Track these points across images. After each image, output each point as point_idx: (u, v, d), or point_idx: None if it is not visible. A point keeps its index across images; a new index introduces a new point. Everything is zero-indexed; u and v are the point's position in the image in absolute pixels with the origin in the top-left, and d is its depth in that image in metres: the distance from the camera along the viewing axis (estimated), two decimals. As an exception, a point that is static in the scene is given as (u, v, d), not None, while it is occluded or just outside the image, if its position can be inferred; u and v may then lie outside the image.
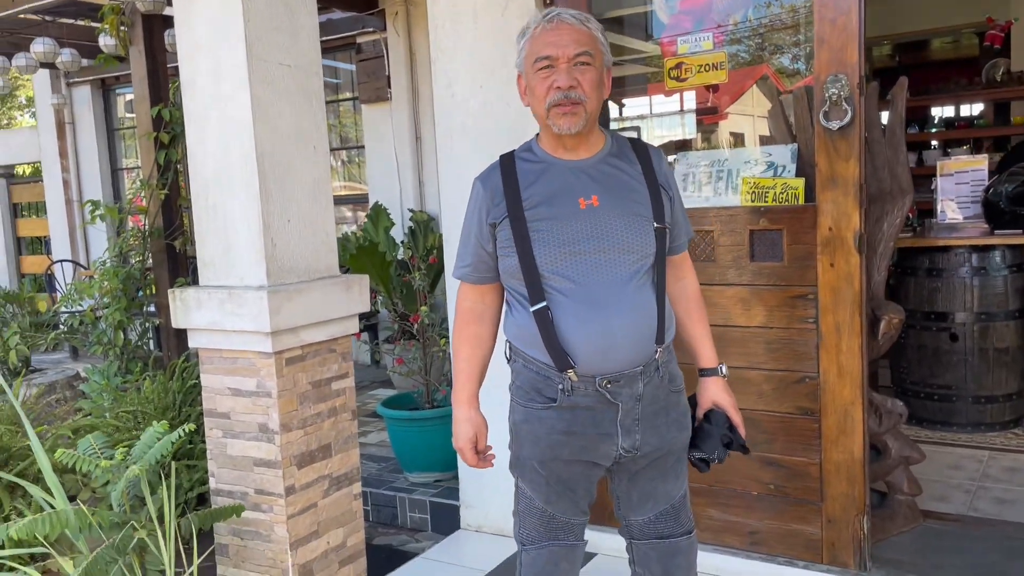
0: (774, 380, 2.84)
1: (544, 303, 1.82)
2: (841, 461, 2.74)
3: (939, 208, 4.22)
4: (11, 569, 2.24)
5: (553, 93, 1.79)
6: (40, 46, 5.29)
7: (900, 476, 3.07)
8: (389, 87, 6.25)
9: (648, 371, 1.87)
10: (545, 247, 1.81)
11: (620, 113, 4.71)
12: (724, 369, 2.06)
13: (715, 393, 2.04)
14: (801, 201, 2.78)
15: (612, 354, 1.82)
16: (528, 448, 1.93)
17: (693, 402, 2.06)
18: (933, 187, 4.37)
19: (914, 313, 4.01)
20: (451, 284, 3.38)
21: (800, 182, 2.79)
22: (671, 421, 1.94)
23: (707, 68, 2.94)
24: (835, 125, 2.62)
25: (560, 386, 1.85)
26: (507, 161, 1.92)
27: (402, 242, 5.99)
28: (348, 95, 7.03)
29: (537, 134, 1.95)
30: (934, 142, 7.10)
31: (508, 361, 1.97)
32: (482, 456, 2.00)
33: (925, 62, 7.87)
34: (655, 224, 1.85)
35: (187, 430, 2.23)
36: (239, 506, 2.30)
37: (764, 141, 3.23)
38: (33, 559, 2.47)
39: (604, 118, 4.38)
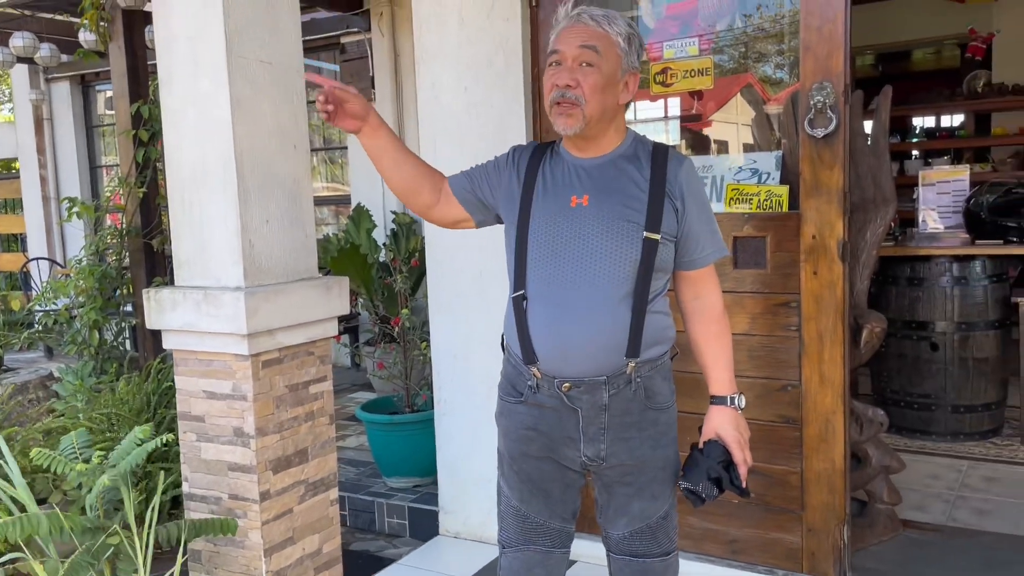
0: (756, 388, 2.83)
1: (522, 291, 1.83)
2: (822, 470, 2.73)
3: (921, 217, 4.24)
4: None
5: (554, 91, 1.78)
6: (19, 40, 5.21)
7: (880, 485, 3.07)
8: (373, 88, 6.20)
9: (616, 382, 1.80)
10: (534, 237, 1.82)
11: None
12: (738, 400, 1.89)
13: (719, 424, 1.87)
14: (785, 208, 2.77)
15: (570, 359, 1.79)
16: (502, 441, 1.96)
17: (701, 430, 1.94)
18: (915, 196, 4.39)
19: (895, 322, 4.02)
20: (433, 287, 3.35)
21: (784, 189, 2.79)
22: (645, 438, 1.86)
23: (693, 74, 2.93)
24: (820, 133, 2.62)
25: (529, 382, 1.85)
26: (540, 146, 1.96)
27: (384, 244, 5.94)
28: (332, 95, 6.97)
29: None
30: (915, 152, 7.16)
31: (503, 351, 1.98)
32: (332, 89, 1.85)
33: (907, 72, 7.94)
34: (646, 233, 1.76)
35: (166, 440, 2.18)
36: (231, 522, 2.23)
37: (748, 149, 3.22)
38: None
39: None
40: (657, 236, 1.77)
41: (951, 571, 2.81)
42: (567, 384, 1.80)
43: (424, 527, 3.51)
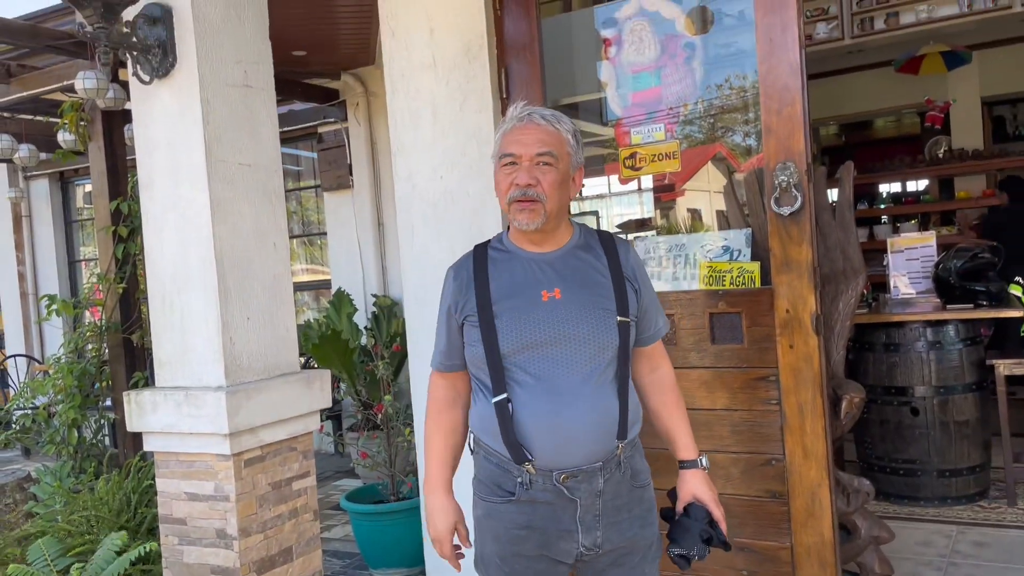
0: (741, 463, 2.83)
1: (505, 395, 1.81)
2: (811, 544, 2.72)
3: (892, 283, 4.32)
4: None
5: (513, 189, 1.83)
6: (-2, 142, 5.27)
7: (871, 556, 3.06)
8: (351, 175, 6.31)
9: (609, 467, 1.83)
10: (508, 338, 1.81)
11: (580, 193, 4.80)
12: (704, 461, 1.98)
13: (695, 486, 1.95)
14: (757, 284, 2.83)
15: (570, 449, 1.80)
16: (490, 544, 1.90)
17: (674, 496, 2.00)
18: (885, 263, 4.48)
19: (875, 388, 4.06)
20: (415, 371, 3.35)
21: (756, 266, 2.85)
22: (634, 517, 1.90)
23: (660, 157, 3.02)
24: (786, 211, 2.69)
25: (519, 479, 1.83)
26: (480, 252, 1.95)
27: (366, 327, 5.95)
28: (310, 183, 7.08)
29: (508, 226, 1.97)
30: (884, 217, 7.33)
31: (472, 452, 1.95)
32: (455, 551, 1.93)
33: (870, 140, 8.19)
34: (618, 317, 1.83)
35: (149, 549, 2.15)
36: None
37: (720, 216, 3.30)
38: None
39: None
40: (628, 319, 1.85)
41: (948, 642, 2.78)
42: (565, 475, 1.80)
43: (413, 620, 3.44)
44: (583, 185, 1.96)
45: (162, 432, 2.32)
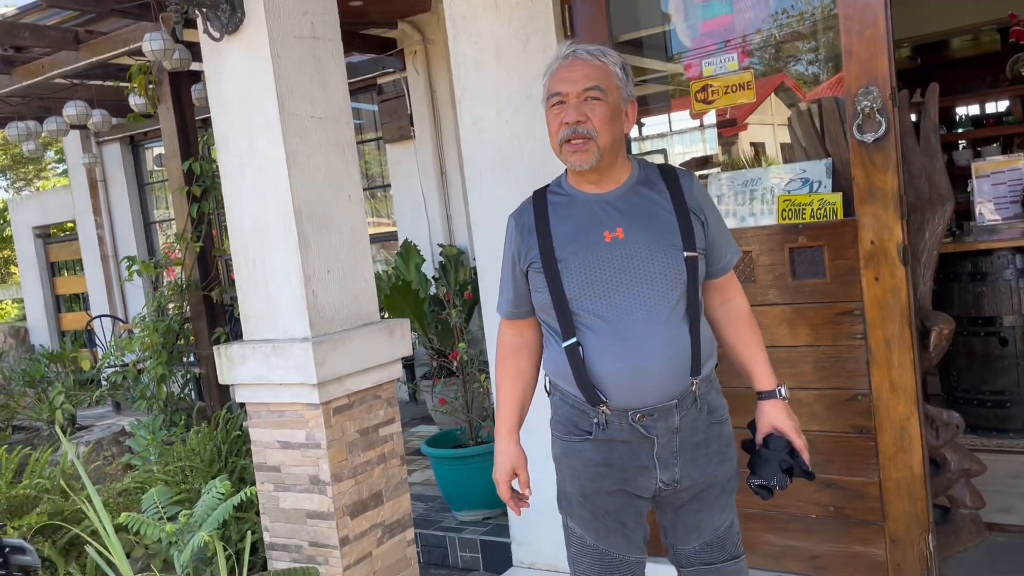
0: (825, 399, 2.79)
1: (575, 339, 1.81)
2: (901, 479, 2.68)
3: (977, 211, 4.15)
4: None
5: (563, 129, 1.79)
6: (72, 109, 5.41)
7: (962, 489, 2.99)
8: (412, 125, 6.30)
9: (684, 403, 1.83)
10: (574, 283, 1.80)
11: (640, 133, 4.71)
12: (784, 391, 1.97)
13: (774, 416, 1.95)
14: (840, 216, 2.74)
15: (644, 389, 1.79)
16: (570, 482, 1.92)
17: (753, 427, 2.00)
18: (968, 189, 4.30)
19: (960, 319, 3.93)
20: (487, 319, 3.37)
21: (838, 197, 2.76)
22: (712, 453, 1.90)
23: (734, 88, 2.92)
24: (870, 138, 2.59)
25: (595, 420, 1.83)
26: (539, 197, 1.92)
27: (434, 277, 6.00)
28: (372, 135, 7.10)
29: (567, 168, 1.94)
30: (962, 142, 7.00)
31: (548, 395, 1.96)
32: (518, 495, 1.97)
33: (947, 61, 7.77)
34: (685, 252, 1.80)
35: (250, 493, 2.23)
36: (312, 570, 2.27)
37: (785, 149, 3.20)
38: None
39: (627, 138, 4.40)
40: (695, 253, 1.82)
41: (1045, 574, 2.73)
42: (640, 415, 1.80)
43: (497, 559, 3.51)
44: (637, 121, 1.92)
45: (252, 384, 2.39)
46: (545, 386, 1.97)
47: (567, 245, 1.82)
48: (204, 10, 2.25)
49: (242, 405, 2.55)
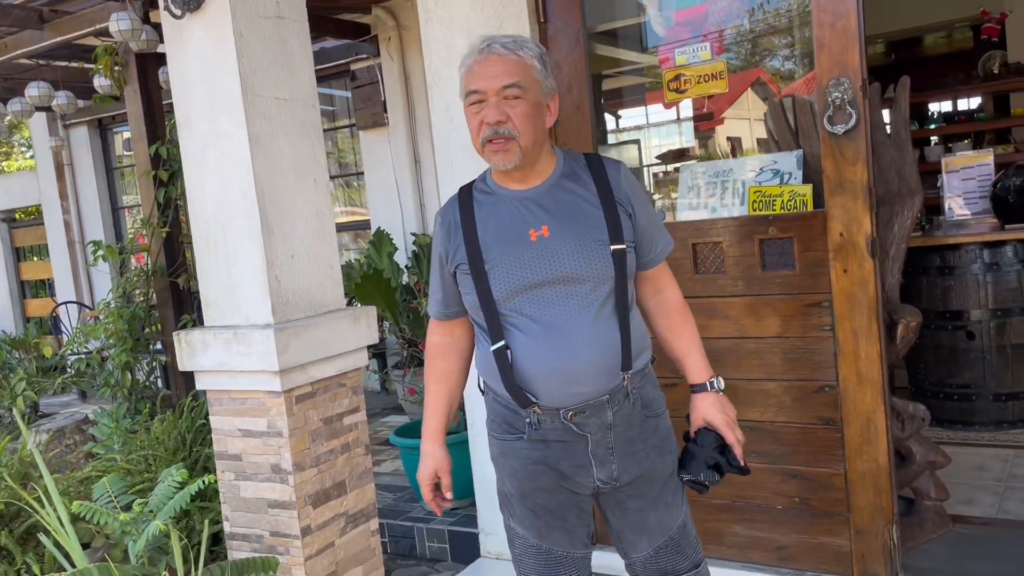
0: (793, 390, 2.79)
1: (503, 342, 1.77)
2: (866, 470, 2.69)
3: (947, 205, 4.18)
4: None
5: (484, 129, 1.72)
6: (35, 90, 5.28)
7: (926, 481, 3.01)
8: (385, 112, 6.23)
9: (616, 399, 1.79)
10: (501, 284, 1.76)
11: (617, 124, 4.69)
12: (718, 383, 1.92)
13: (705, 410, 1.90)
14: (810, 208, 2.74)
15: (573, 387, 1.76)
16: (508, 481, 1.89)
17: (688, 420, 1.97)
18: (939, 184, 4.33)
19: (928, 313, 3.95)
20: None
21: (808, 188, 2.76)
22: (649, 448, 1.86)
23: (707, 78, 2.90)
24: (840, 129, 2.58)
25: (527, 420, 1.80)
26: (465, 195, 1.86)
27: (406, 266, 5.96)
28: (345, 122, 7.02)
29: None
30: (934, 138, 7.07)
31: (482, 393, 1.92)
32: (441, 497, 1.93)
33: (920, 58, 7.84)
34: (612, 246, 1.76)
35: (208, 481, 2.19)
36: (271, 560, 2.23)
37: (761, 144, 3.20)
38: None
39: (602, 130, 4.37)
40: (623, 246, 1.78)
41: (1006, 565, 2.75)
42: (572, 412, 1.77)
43: (465, 550, 3.49)
44: (615, 113, 1.88)
45: (213, 371, 2.34)
46: (479, 385, 1.92)
47: (492, 246, 1.77)
48: (165, -14, 2.19)
49: (204, 392, 2.50)
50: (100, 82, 4.80)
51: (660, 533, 1.91)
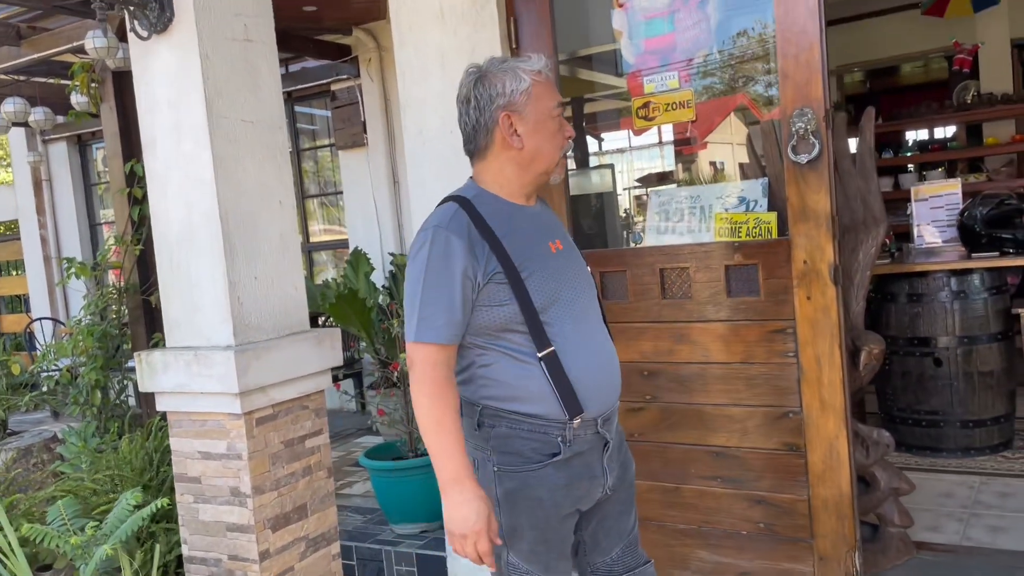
0: (757, 416, 2.80)
1: (551, 348, 1.73)
2: (829, 497, 2.70)
3: (916, 232, 4.23)
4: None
5: (567, 142, 1.82)
6: (10, 106, 5.26)
7: (890, 508, 3.03)
8: (365, 132, 6.25)
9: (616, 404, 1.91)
10: (539, 292, 1.75)
11: (600, 147, 4.72)
12: None
13: None
14: (775, 235, 2.77)
15: (607, 391, 1.83)
16: (527, 515, 1.79)
17: None
18: (909, 212, 4.37)
19: (896, 339, 3.99)
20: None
21: (772, 216, 2.78)
22: (625, 451, 1.97)
23: (674, 106, 2.94)
24: (804, 159, 2.62)
25: (559, 437, 1.77)
26: (471, 209, 1.78)
27: (383, 286, 5.95)
28: (326, 141, 7.03)
29: (471, 178, 1.87)
30: (910, 165, 7.16)
31: (477, 428, 1.80)
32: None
33: (896, 87, 7.97)
34: (588, 267, 1.94)
35: (160, 505, 2.17)
36: None
37: (743, 169, 3.23)
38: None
39: (584, 152, 4.41)
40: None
41: (968, 593, 2.76)
42: (603, 419, 1.83)
43: (433, 573, 3.47)
44: (597, 136, 1.98)
45: (173, 392, 2.33)
46: (476, 420, 1.79)
47: (524, 256, 1.76)
48: (132, 8, 2.20)
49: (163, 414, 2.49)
50: (77, 99, 4.79)
51: (626, 534, 1.97)
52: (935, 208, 4.21)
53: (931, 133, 7.94)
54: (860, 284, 3.02)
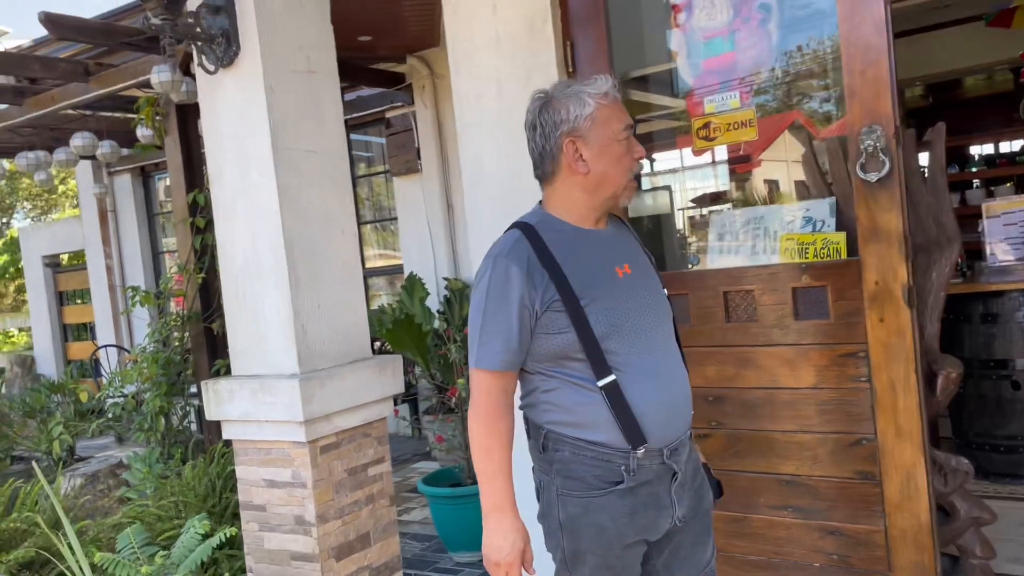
0: (829, 443, 2.71)
1: (612, 377, 1.71)
2: (907, 527, 2.59)
3: (988, 251, 4.08)
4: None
5: (636, 165, 1.79)
6: (79, 140, 5.44)
7: (971, 539, 2.89)
8: (419, 159, 6.31)
9: (688, 432, 1.87)
10: (600, 320, 1.72)
11: (652, 168, 4.68)
12: None
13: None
14: (844, 256, 2.68)
15: (675, 422, 1.79)
16: (589, 541, 1.77)
17: None
18: (980, 229, 4.23)
19: (971, 362, 3.84)
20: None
21: (841, 236, 2.70)
22: (700, 480, 1.91)
23: (736, 126, 2.89)
24: (873, 177, 2.54)
25: (623, 466, 1.74)
26: (533, 235, 1.78)
27: (439, 311, 5.96)
28: (380, 168, 7.12)
29: (540, 203, 1.86)
30: (976, 181, 6.95)
31: (542, 451, 1.81)
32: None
33: (960, 100, 7.75)
34: (665, 290, 1.89)
35: (229, 534, 2.17)
36: None
37: (800, 186, 3.16)
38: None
39: (636, 174, 4.38)
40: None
41: (1059, 631, 2.62)
42: (671, 449, 1.78)
43: (494, 603, 3.42)
44: (649, 157, 1.94)
45: (239, 420, 2.34)
46: (539, 443, 1.81)
47: (586, 282, 1.74)
48: (199, 43, 2.24)
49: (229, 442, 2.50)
50: (142, 132, 4.93)
51: (706, 566, 1.91)
52: (1008, 225, 4.06)
53: (997, 148, 7.70)
54: (934, 305, 2.91)
